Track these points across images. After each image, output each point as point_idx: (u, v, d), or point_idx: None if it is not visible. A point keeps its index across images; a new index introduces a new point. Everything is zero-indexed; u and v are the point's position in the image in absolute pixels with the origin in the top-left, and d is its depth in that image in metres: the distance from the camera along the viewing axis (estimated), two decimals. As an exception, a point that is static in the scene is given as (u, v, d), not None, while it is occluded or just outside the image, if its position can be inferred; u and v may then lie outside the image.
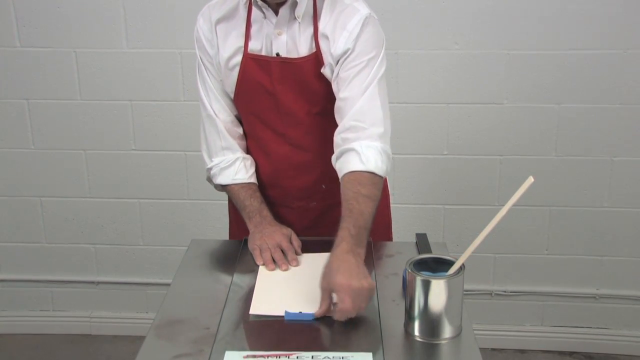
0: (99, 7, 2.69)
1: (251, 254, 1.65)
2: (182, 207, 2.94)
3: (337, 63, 1.63)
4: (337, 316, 1.33)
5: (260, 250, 1.63)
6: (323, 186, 1.79)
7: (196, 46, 1.75)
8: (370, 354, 1.25)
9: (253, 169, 1.80)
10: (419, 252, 1.63)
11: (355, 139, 1.59)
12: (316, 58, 1.65)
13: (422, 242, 1.70)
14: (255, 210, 1.74)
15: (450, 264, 1.33)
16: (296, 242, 1.68)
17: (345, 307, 1.32)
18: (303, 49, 1.65)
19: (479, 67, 2.67)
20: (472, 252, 1.31)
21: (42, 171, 2.93)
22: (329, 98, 1.67)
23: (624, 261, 2.88)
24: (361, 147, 1.57)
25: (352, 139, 1.59)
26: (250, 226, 1.73)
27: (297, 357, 1.24)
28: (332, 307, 1.36)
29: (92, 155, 2.90)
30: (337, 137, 1.63)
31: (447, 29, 2.63)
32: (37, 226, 3.01)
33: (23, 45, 2.76)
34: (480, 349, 1.30)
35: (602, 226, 2.83)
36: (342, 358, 1.24)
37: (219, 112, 1.77)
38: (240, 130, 1.80)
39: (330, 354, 1.25)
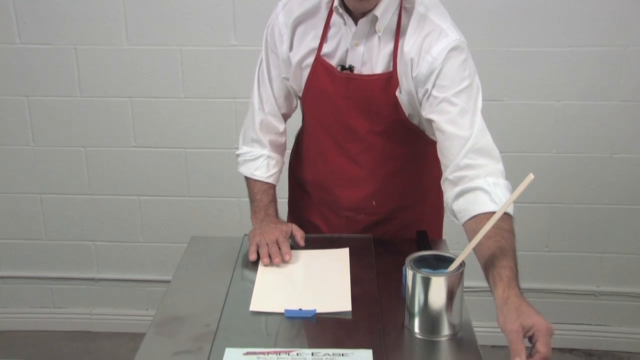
0: (98, 3, 2.69)
1: (250, 250, 1.66)
2: (182, 204, 2.95)
3: (421, 92, 1.54)
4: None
5: (258, 246, 1.63)
6: (373, 203, 1.76)
7: (266, 32, 1.71)
8: (370, 351, 1.25)
9: (276, 169, 1.79)
10: (419, 249, 1.63)
11: (475, 176, 1.45)
12: (389, 78, 1.58)
13: (422, 239, 1.70)
14: (262, 206, 1.74)
15: (450, 261, 1.33)
16: (299, 233, 1.67)
17: (548, 352, 1.16)
18: (379, 66, 1.58)
19: (479, 65, 2.62)
20: (472, 249, 1.32)
21: (42, 168, 2.93)
22: (393, 119, 1.62)
23: (623, 258, 2.88)
24: (489, 185, 1.42)
25: (472, 177, 1.45)
26: (253, 220, 1.74)
27: (297, 354, 1.24)
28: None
29: (92, 152, 2.90)
30: (450, 176, 1.47)
31: (447, 26, 2.62)
32: (37, 223, 3.02)
33: (23, 42, 2.76)
34: (480, 346, 1.30)
35: (602, 223, 2.84)
36: (342, 355, 1.24)
37: (265, 103, 1.75)
38: (281, 127, 1.78)
39: (330, 351, 1.25)
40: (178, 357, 1.26)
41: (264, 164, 1.77)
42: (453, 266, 1.31)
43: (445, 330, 1.31)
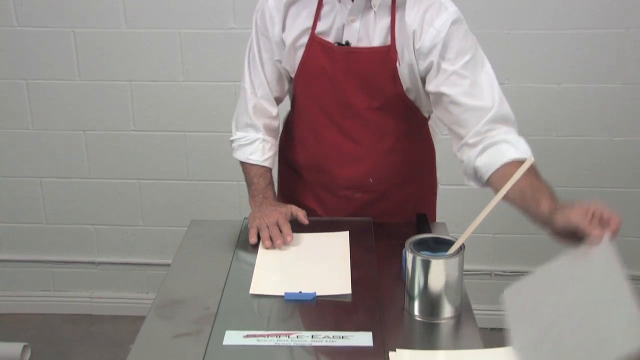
0: (97, -14, 2.68)
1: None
2: (182, 188, 2.95)
3: (422, 64, 1.57)
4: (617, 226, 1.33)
5: (259, 230, 1.63)
6: (370, 180, 1.76)
7: (256, 16, 1.70)
8: (370, 333, 1.26)
9: (271, 153, 1.79)
10: (419, 232, 1.63)
11: (497, 134, 1.51)
12: (388, 51, 1.59)
13: (421, 222, 1.70)
14: (260, 190, 1.74)
15: (450, 244, 1.33)
16: (301, 212, 1.68)
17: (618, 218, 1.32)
18: (376, 39, 1.59)
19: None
20: (472, 232, 1.32)
21: (42, 152, 2.93)
22: (392, 94, 1.63)
23: (624, 241, 2.86)
24: (512, 139, 1.50)
25: (494, 135, 1.51)
26: (252, 203, 1.74)
27: (297, 337, 1.25)
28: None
29: (91, 136, 2.90)
30: (470, 140, 1.53)
31: (448, 8, 2.61)
32: (37, 207, 3.02)
33: (21, 25, 2.75)
34: (479, 328, 1.31)
35: (602, 206, 2.83)
36: (342, 337, 1.25)
37: (257, 87, 1.75)
38: (274, 111, 1.78)
39: (330, 333, 1.26)
40: (178, 340, 1.26)
41: (259, 147, 1.77)
42: (453, 249, 1.31)
43: (445, 313, 1.31)
